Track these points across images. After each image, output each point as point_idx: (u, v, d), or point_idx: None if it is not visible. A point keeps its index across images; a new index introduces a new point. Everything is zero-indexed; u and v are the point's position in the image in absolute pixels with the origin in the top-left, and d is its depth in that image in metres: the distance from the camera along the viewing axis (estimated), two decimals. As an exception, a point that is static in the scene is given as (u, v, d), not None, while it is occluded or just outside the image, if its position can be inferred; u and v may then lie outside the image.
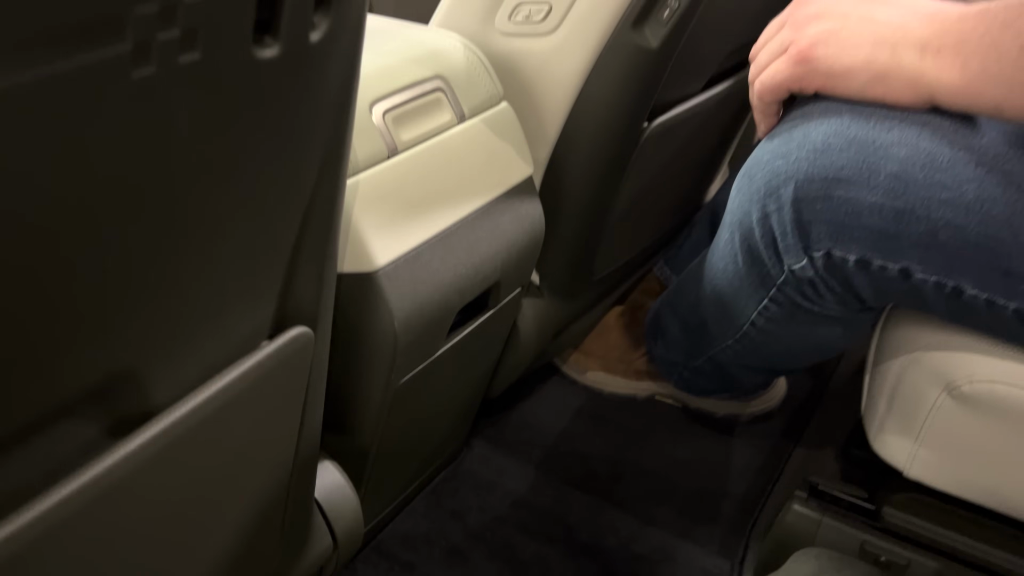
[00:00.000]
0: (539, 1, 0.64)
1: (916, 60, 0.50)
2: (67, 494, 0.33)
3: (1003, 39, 0.46)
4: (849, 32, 0.52)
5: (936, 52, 0.49)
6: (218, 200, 0.32)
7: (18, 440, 0.31)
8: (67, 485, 0.33)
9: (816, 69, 0.53)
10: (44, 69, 0.22)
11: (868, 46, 0.51)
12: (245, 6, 0.27)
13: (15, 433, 0.31)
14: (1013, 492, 0.59)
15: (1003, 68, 0.46)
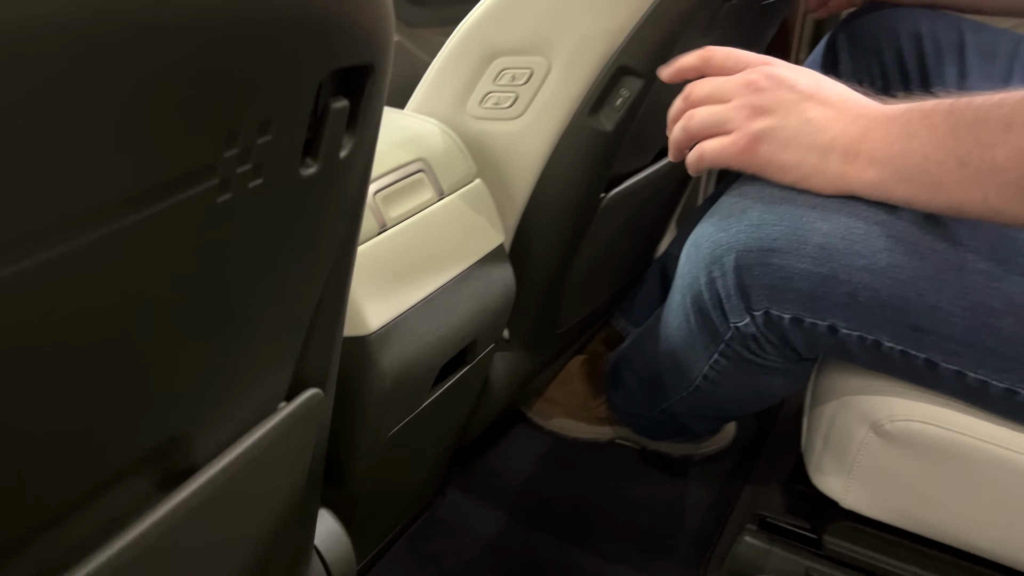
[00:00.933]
0: (506, 89, 0.72)
1: (839, 164, 0.58)
2: (129, 541, 0.38)
3: (909, 148, 0.55)
4: (787, 133, 0.60)
5: (855, 157, 0.57)
6: (258, 292, 0.39)
7: (95, 494, 0.36)
8: (129, 532, 0.38)
9: (756, 163, 0.61)
10: (153, 209, 0.28)
11: (801, 149, 0.59)
12: (298, 139, 0.34)
13: (95, 488, 0.36)
14: (933, 518, 0.67)
15: (910, 173, 0.55)
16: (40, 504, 0.35)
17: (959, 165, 0.52)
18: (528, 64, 0.70)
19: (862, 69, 0.92)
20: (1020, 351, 0.56)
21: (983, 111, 0.52)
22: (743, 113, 0.61)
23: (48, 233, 0.25)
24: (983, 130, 0.51)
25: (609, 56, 0.68)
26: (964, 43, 0.88)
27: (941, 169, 0.53)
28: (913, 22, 0.90)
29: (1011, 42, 0.88)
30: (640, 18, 0.66)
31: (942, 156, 0.53)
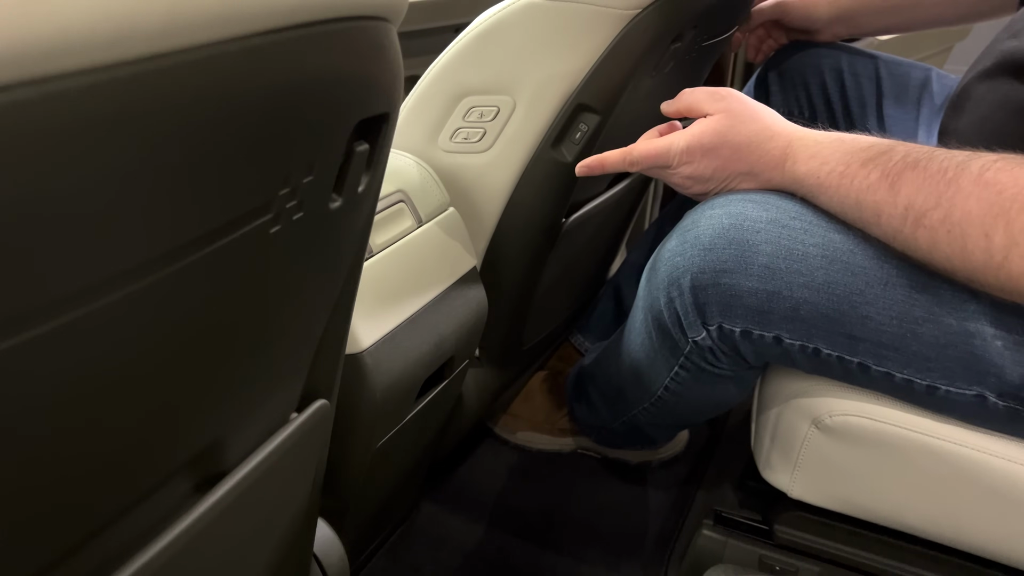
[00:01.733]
0: (475, 125, 0.78)
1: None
2: (172, 538, 0.43)
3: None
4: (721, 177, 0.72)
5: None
6: (286, 311, 0.44)
7: (146, 495, 0.41)
8: (172, 531, 0.43)
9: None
10: (222, 242, 0.34)
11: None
12: (331, 177, 0.39)
13: (148, 489, 0.41)
14: (870, 502, 0.75)
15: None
16: (104, 505, 0.39)
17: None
18: (495, 102, 0.77)
19: (791, 100, 1.02)
20: (939, 353, 0.64)
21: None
22: (687, 178, 0.73)
23: (142, 268, 0.31)
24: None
25: (569, 95, 0.75)
26: (880, 76, 0.98)
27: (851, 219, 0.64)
28: (835, 59, 1.00)
29: (921, 74, 0.99)
30: (596, 61, 0.73)
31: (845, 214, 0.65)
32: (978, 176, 0.55)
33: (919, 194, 0.56)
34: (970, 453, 0.68)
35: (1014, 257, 0.52)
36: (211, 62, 0.27)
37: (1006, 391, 0.62)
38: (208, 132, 0.29)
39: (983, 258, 0.53)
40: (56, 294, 0.27)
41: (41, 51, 0.21)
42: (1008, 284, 0.53)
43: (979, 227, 0.53)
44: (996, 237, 0.53)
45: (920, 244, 0.58)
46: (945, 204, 0.55)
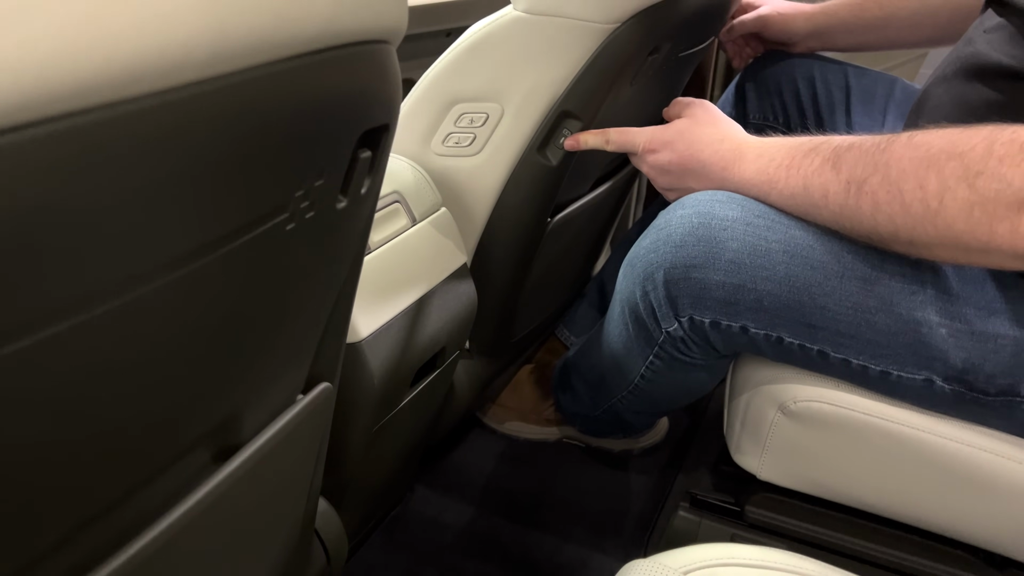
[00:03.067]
0: (466, 131, 0.84)
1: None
2: (192, 504, 0.48)
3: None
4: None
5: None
6: (297, 300, 0.49)
7: (172, 462, 0.46)
8: (192, 496, 0.48)
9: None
10: (245, 238, 0.39)
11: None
12: (338, 181, 0.45)
13: (173, 457, 0.46)
14: (832, 482, 0.81)
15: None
16: (134, 471, 0.44)
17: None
18: (484, 109, 0.82)
19: (766, 107, 1.08)
20: (890, 340, 0.70)
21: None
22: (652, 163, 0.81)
23: (178, 261, 0.36)
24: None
25: (553, 102, 0.80)
26: (849, 85, 1.04)
27: (799, 210, 0.71)
28: (807, 68, 1.06)
29: (887, 84, 1.05)
30: (578, 72, 0.78)
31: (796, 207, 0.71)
32: (908, 140, 0.61)
33: (858, 166, 0.63)
34: (922, 436, 0.74)
35: (947, 201, 0.58)
36: (242, 87, 0.32)
37: (951, 375, 0.68)
38: (238, 145, 0.34)
39: (921, 209, 0.59)
40: (106, 283, 0.33)
41: (115, 82, 0.27)
42: (946, 233, 0.59)
43: (913, 180, 0.59)
44: (930, 185, 0.59)
45: (864, 210, 0.63)
46: (882, 168, 0.62)
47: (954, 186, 0.57)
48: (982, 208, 0.56)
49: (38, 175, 0.26)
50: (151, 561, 0.47)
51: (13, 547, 0.37)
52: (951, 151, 0.58)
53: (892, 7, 1.03)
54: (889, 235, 0.63)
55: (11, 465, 0.35)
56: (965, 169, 0.57)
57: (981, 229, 0.56)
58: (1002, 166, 0.55)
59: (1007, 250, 0.56)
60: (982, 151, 0.56)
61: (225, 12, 0.30)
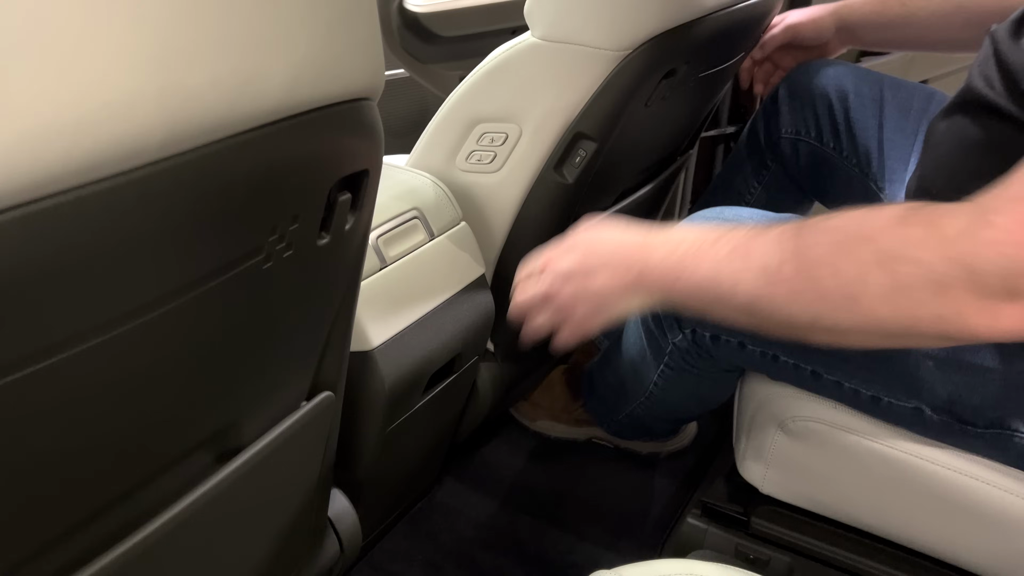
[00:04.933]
0: (487, 149, 0.88)
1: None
2: (194, 499, 0.54)
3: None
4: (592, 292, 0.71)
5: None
6: (289, 324, 0.55)
7: (176, 462, 0.53)
8: (195, 492, 0.54)
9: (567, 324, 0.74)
10: (221, 278, 0.45)
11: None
12: (316, 222, 0.50)
13: (176, 457, 0.53)
14: (830, 500, 0.83)
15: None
16: (140, 470, 0.51)
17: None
18: (504, 129, 0.86)
19: (799, 120, 1.08)
20: (880, 366, 0.71)
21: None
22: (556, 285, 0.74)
23: (161, 299, 0.42)
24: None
25: (567, 124, 0.84)
26: (883, 98, 1.03)
27: (706, 305, 0.65)
28: (841, 80, 1.05)
29: (924, 97, 1.03)
30: (591, 95, 0.81)
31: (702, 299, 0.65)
32: (819, 224, 0.58)
33: (769, 254, 0.59)
34: (915, 461, 0.75)
35: (866, 287, 0.54)
36: (200, 161, 0.37)
37: (938, 405, 0.69)
38: (202, 206, 0.40)
39: (839, 296, 0.55)
40: (106, 316, 0.39)
41: (75, 171, 0.32)
42: (869, 319, 0.55)
43: (829, 267, 0.56)
44: (846, 271, 0.55)
45: (780, 299, 0.59)
46: (795, 256, 0.58)
47: (871, 272, 0.54)
48: (902, 294, 0.53)
49: (7, 248, 0.31)
50: (155, 549, 0.53)
51: (23, 538, 0.44)
52: (863, 234, 0.55)
53: (913, 6, 1.02)
54: (807, 324, 0.59)
55: (25, 467, 0.42)
56: (879, 253, 0.54)
57: (903, 314, 0.53)
58: (916, 249, 0.53)
59: (931, 333, 0.54)
60: (893, 233, 0.54)
61: (177, 101, 0.35)
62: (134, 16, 0.33)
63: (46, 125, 0.31)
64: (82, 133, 0.32)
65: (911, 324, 0.54)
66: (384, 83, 0.50)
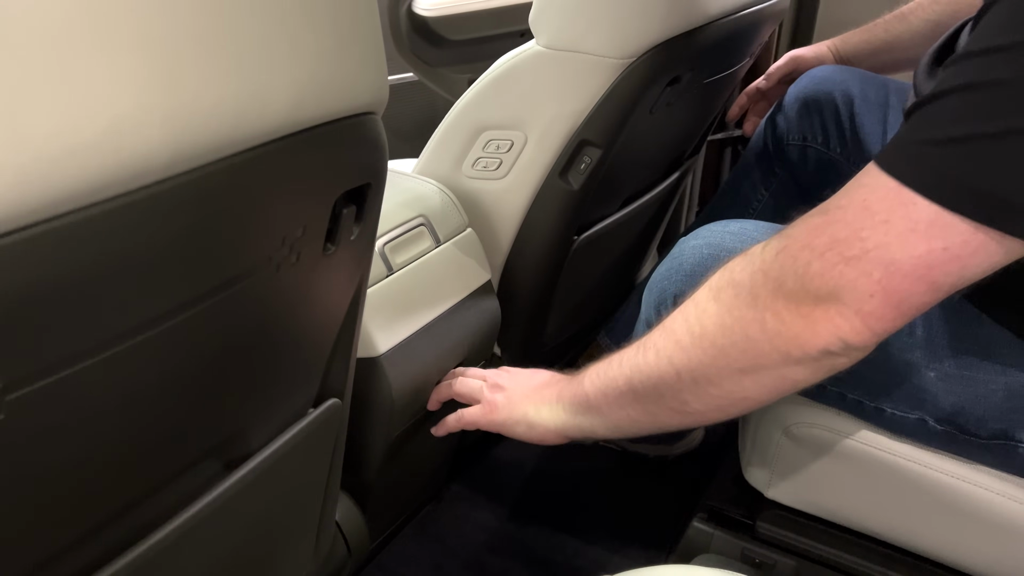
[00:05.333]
0: (493, 156, 0.89)
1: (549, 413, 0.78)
2: (204, 504, 0.55)
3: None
4: (515, 396, 0.80)
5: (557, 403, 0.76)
6: (296, 331, 0.56)
7: (186, 468, 0.54)
8: (204, 498, 0.55)
9: (494, 422, 0.79)
10: (235, 288, 0.46)
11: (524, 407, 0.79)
12: (322, 233, 0.51)
13: (187, 464, 0.54)
14: (834, 505, 0.83)
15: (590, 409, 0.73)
16: (151, 477, 0.52)
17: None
18: (509, 136, 0.87)
19: (806, 127, 1.08)
20: (884, 378, 0.71)
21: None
22: (490, 388, 0.81)
23: (169, 313, 0.43)
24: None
25: (572, 131, 0.84)
26: (889, 103, 1.04)
27: (607, 402, 0.70)
28: (847, 86, 1.06)
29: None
30: (595, 103, 0.82)
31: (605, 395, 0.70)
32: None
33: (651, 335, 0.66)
34: (919, 468, 0.75)
35: (704, 320, 0.60)
36: (205, 179, 0.38)
37: (942, 417, 0.69)
38: (214, 220, 0.41)
39: (688, 338, 0.61)
40: (115, 330, 0.40)
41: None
42: (713, 352, 0.59)
43: (680, 315, 0.63)
44: (690, 313, 0.62)
45: (650, 360, 0.65)
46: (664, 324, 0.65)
47: (707, 306, 0.59)
48: (729, 315, 0.57)
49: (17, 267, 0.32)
50: (165, 556, 0.54)
51: (35, 546, 0.45)
52: (707, 284, 0.60)
53: (895, 30, 1.07)
54: (673, 380, 0.62)
55: (38, 477, 0.43)
56: (708, 288, 0.59)
57: (737, 336, 0.57)
58: (733, 274, 0.58)
59: (769, 351, 0.56)
60: (719, 270, 0.59)
61: (182, 122, 0.36)
62: (139, 38, 0.33)
63: (54, 147, 0.31)
64: (89, 155, 0.33)
65: (749, 347, 0.56)
66: (388, 97, 0.51)
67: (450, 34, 1.43)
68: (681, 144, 1.08)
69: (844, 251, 0.51)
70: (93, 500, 0.48)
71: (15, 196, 0.31)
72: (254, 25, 0.39)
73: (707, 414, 0.64)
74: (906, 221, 0.49)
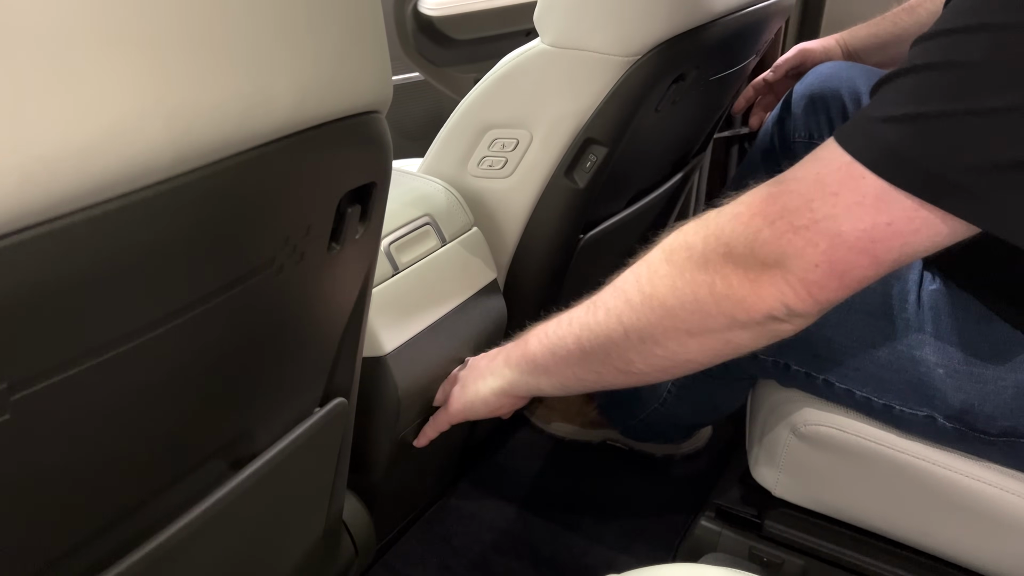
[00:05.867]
0: (498, 155, 0.89)
1: (492, 380, 0.78)
2: (210, 504, 0.55)
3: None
4: (470, 379, 0.80)
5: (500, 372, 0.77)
6: (302, 330, 0.56)
7: (193, 469, 0.54)
8: (211, 498, 0.56)
9: (455, 412, 0.80)
10: (240, 287, 0.46)
11: (477, 382, 0.79)
12: (326, 233, 0.51)
13: (193, 464, 0.54)
14: (842, 504, 0.82)
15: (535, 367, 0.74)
16: (158, 476, 0.52)
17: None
18: (515, 135, 0.87)
19: (812, 124, 1.08)
20: (892, 375, 0.71)
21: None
22: (450, 384, 0.82)
23: (174, 313, 0.43)
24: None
25: (578, 130, 0.84)
26: (896, 100, 1.03)
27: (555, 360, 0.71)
28: (854, 82, 1.05)
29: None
30: (601, 101, 0.82)
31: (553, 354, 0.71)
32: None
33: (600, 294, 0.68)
34: (927, 466, 0.75)
35: (656, 281, 0.60)
36: (209, 178, 0.38)
37: (951, 414, 0.69)
38: (218, 220, 0.41)
39: (638, 297, 0.61)
40: (119, 331, 0.40)
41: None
42: (663, 313, 0.60)
43: (631, 275, 0.64)
44: (641, 273, 0.63)
45: (600, 319, 0.66)
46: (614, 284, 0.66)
47: (659, 266, 0.60)
48: (680, 276, 0.57)
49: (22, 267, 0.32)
50: (172, 554, 0.54)
51: (45, 544, 0.45)
52: (660, 245, 0.61)
53: (903, 23, 1.07)
54: (621, 338, 0.63)
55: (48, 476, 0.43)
56: (663, 251, 0.60)
57: (687, 297, 0.57)
58: (686, 236, 0.58)
59: (716, 313, 0.56)
60: (673, 233, 0.60)
61: (185, 122, 0.36)
62: (141, 37, 0.33)
63: (57, 148, 0.31)
64: (92, 154, 0.33)
65: (696, 308, 0.57)
66: (392, 96, 0.51)
67: (456, 33, 1.43)
68: (687, 142, 1.07)
69: (794, 220, 0.52)
70: (99, 500, 0.48)
71: (19, 196, 0.31)
72: (257, 24, 0.39)
73: (650, 375, 0.65)
74: (854, 194, 0.50)
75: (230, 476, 0.57)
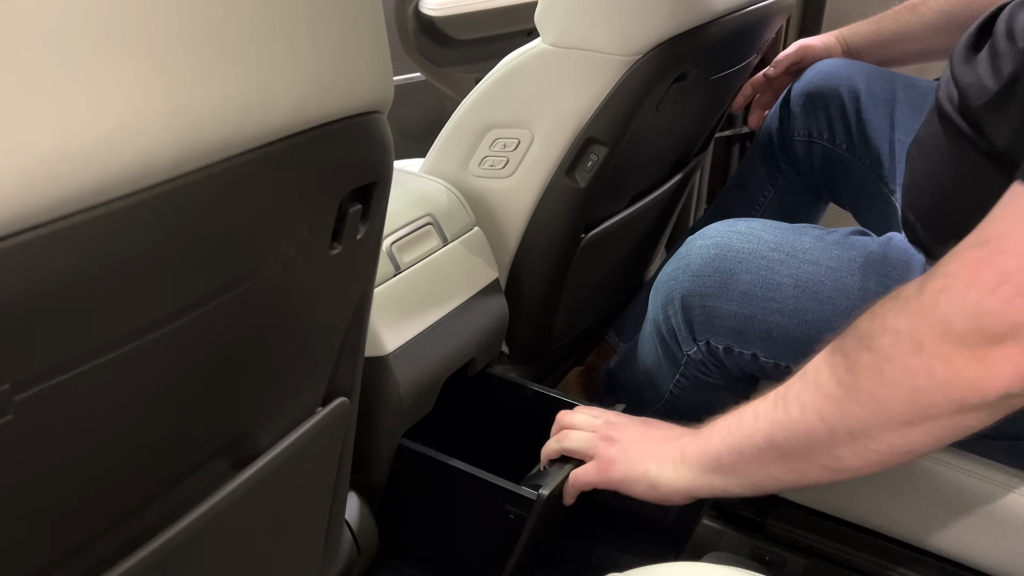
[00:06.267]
0: (499, 154, 0.89)
1: (672, 471, 0.73)
2: (212, 504, 0.56)
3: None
4: (633, 454, 0.76)
5: (683, 462, 0.73)
6: (303, 329, 0.56)
7: (195, 469, 0.54)
8: (213, 498, 0.56)
9: (614, 480, 0.77)
10: (244, 286, 0.46)
11: (644, 464, 0.75)
12: (328, 232, 0.51)
13: (195, 464, 0.54)
14: (842, 502, 0.82)
15: (722, 467, 0.69)
16: (161, 476, 0.52)
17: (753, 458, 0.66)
18: (516, 135, 0.87)
19: (811, 122, 1.08)
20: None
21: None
22: (601, 441, 0.78)
23: (176, 313, 0.43)
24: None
25: (579, 129, 0.84)
26: (896, 98, 1.03)
27: (744, 460, 0.67)
28: (853, 80, 1.05)
29: (938, 96, 1.03)
30: (602, 100, 0.82)
31: (741, 453, 0.66)
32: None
33: (783, 385, 0.63)
34: (930, 463, 0.75)
35: (858, 372, 0.56)
36: (210, 179, 0.38)
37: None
38: (220, 220, 0.41)
39: (839, 390, 0.57)
40: (121, 331, 0.40)
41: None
42: (873, 404, 0.55)
43: (825, 367, 0.59)
44: (838, 364, 0.58)
45: (794, 416, 0.61)
46: (800, 375, 0.62)
47: (860, 356, 0.55)
48: (890, 365, 0.53)
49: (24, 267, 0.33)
50: (173, 555, 0.54)
51: (45, 545, 0.45)
52: (848, 332, 0.57)
53: (906, 21, 1.06)
54: (825, 435, 0.59)
55: (48, 477, 0.43)
56: (861, 338, 0.55)
57: (902, 388, 0.53)
58: (888, 320, 0.54)
59: (943, 403, 0.52)
60: (868, 317, 0.55)
61: (187, 122, 0.36)
62: (142, 38, 0.34)
63: (58, 149, 0.32)
64: (94, 155, 0.33)
65: (916, 397, 0.53)
66: (393, 96, 0.51)
67: (457, 34, 1.44)
68: (688, 141, 1.08)
69: (1019, 282, 0.48)
70: (101, 500, 0.48)
71: (20, 197, 0.31)
72: (258, 24, 0.39)
73: (864, 469, 0.60)
74: None
75: (232, 476, 0.57)
